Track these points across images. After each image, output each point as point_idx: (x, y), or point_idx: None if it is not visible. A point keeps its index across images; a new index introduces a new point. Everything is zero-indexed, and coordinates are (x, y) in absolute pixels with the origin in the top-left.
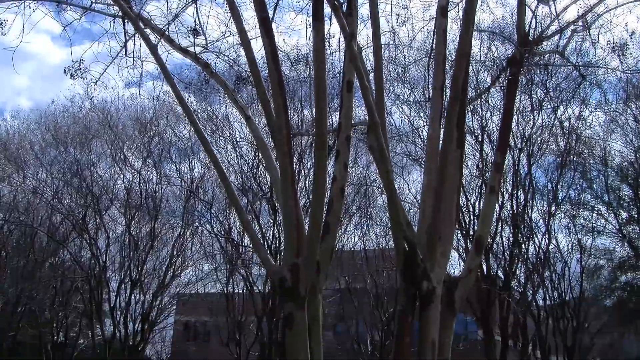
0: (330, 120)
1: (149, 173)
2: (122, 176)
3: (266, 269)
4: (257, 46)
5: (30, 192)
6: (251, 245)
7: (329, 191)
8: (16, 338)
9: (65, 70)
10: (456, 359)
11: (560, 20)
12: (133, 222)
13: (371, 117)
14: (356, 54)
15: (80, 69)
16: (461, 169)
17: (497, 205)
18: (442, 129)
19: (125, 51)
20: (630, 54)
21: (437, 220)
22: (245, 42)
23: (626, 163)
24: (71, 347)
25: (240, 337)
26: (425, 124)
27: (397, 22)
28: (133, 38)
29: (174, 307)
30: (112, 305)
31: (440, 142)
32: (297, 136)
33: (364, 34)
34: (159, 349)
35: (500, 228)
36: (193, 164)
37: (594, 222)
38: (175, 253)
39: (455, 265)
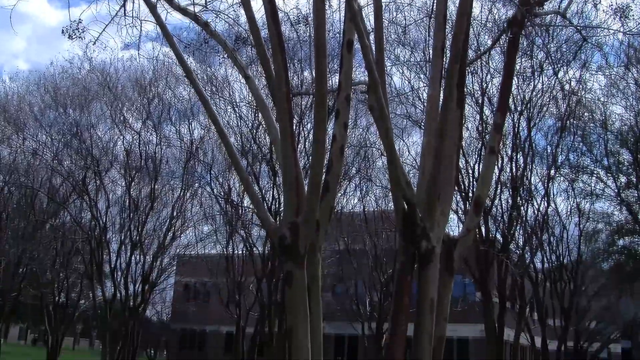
0: (330, 82)
1: (148, 135)
2: (121, 138)
3: (265, 227)
4: (257, 5)
5: (30, 154)
6: (251, 205)
7: (328, 152)
8: (18, 298)
9: (63, 31)
10: (454, 320)
11: None
12: (133, 183)
13: (371, 76)
14: (356, 12)
15: (79, 29)
16: (461, 129)
17: (496, 167)
18: (442, 89)
19: (124, 11)
20: (633, 16)
21: (436, 179)
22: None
23: (626, 127)
24: (72, 307)
25: (240, 297)
26: (425, 85)
27: None
28: None
29: (174, 268)
30: (112, 266)
31: (441, 102)
32: (297, 96)
33: None
34: (159, 309)
35: (499, 191)
36: (193, 125)
37: (592, 186)
38: (175, 214)
39: (454, 228)
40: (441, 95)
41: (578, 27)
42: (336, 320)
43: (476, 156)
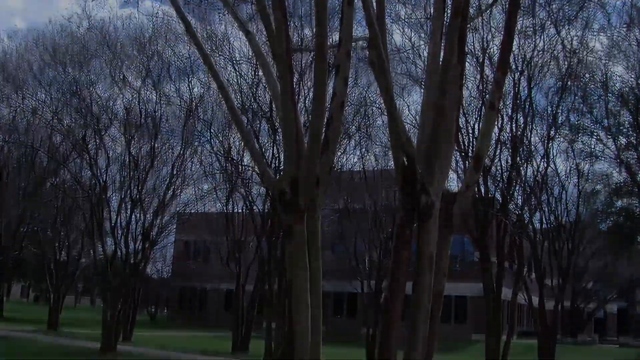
0: (331, 39)
1: (148, 92)
2: (121, 96)
3: (265, 182)
4: None
5: (30, 113)
6: (251, 163)
7: (328, 108)
8: (20, 257)
9: None
10: (453, 278)
11: None
12: (133, 141)
13: (372, 30)
14: None
15: None
16: (461, 85)
17: (496, 127)
18: (443, 45)
19: None
20: None
21: (436, 135)
22: None
23: (627, 88)
24: (73, 265)
25: (239, 255)
26: (425, 43)
27: None
28: None
29: (174, 226)
30: (112, 224)
31: (441, 57)
32: (297, 52)
33: None
34: (159, 267)
35: (499, 150)
36: (192, 83)
37: (592, 147)
38: (175, 172)
39: (454, 188)
40: (442, 51)
41: None
42: (335, 278)
43: (476, 115)
